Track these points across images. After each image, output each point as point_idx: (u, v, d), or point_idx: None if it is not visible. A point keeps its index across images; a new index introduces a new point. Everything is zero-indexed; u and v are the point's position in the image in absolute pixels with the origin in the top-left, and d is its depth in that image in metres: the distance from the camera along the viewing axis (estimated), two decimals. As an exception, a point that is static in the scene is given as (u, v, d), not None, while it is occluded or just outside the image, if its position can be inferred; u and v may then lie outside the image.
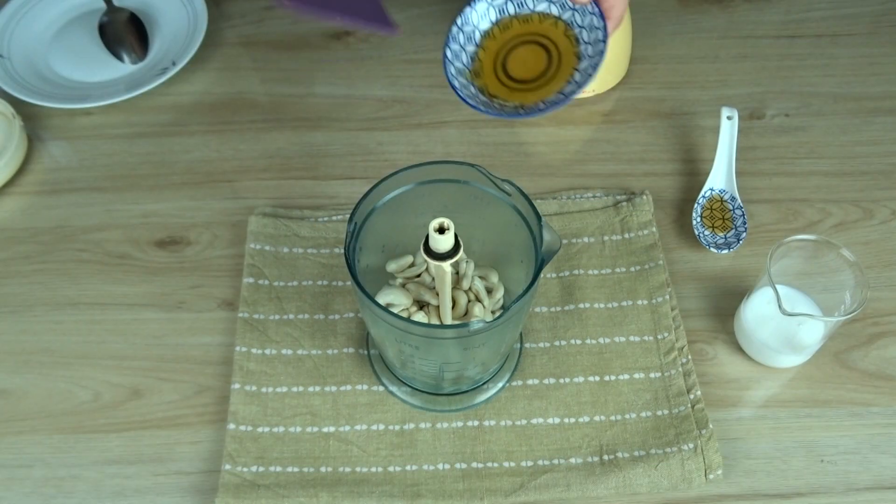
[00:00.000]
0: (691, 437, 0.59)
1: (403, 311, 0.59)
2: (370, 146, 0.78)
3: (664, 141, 0.78)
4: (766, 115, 0.80)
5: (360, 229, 0.55)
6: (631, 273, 0.68)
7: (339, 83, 0.83)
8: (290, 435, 0.60)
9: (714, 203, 0.72)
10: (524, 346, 0.64)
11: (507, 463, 0.59)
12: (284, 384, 0.62)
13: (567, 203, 0.72)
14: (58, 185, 0.75)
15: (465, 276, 0.60)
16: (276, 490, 0.57)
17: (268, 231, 0.70)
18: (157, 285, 0.69)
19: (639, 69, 0.83)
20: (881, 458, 0.59)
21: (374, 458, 0.59)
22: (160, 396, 0.63)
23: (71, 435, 0.61)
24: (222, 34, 0.87)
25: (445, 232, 0.51)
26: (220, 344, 0.65)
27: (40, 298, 0.68)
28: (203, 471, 0.59)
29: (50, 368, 0.64)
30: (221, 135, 0.79)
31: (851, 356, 0.64)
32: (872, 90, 0.81)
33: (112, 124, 0.80)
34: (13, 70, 0.82)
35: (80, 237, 0.72)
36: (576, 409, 0.61)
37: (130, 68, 0.83)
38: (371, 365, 0.64)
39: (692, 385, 0.62)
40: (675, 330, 0.64)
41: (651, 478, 0.58)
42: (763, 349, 0.62)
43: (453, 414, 0.61)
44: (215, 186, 0.75)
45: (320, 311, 0.66)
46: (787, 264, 0.62)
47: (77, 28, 0.87)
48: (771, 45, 0.86)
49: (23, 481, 0.59)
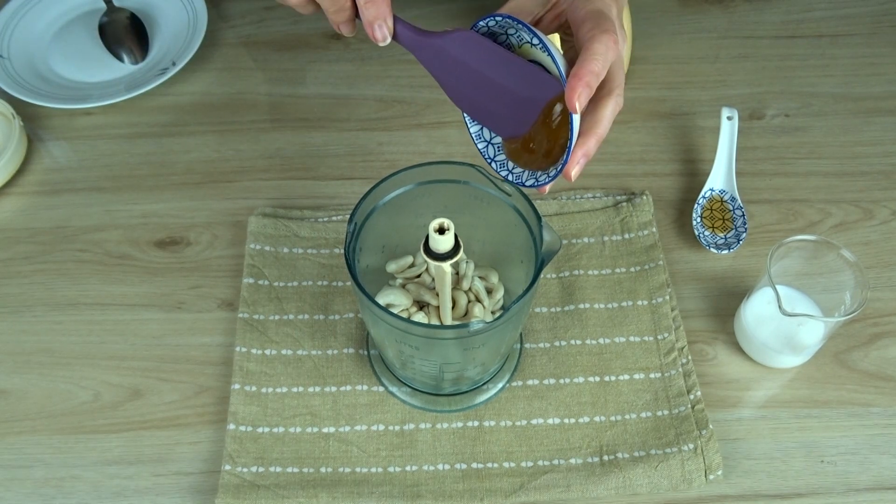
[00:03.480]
0: (691, 437, 0.59)
1: (403, 311, 0.59)
2: (370, 146, 0.78)
3: (664, 141, 0.78)
4: (766, 116, 0.80)
5: (360, 229, 0.55)
6: (631, 273, 0.68)
7: (339, 83, 0.83)
8: (290, 435, 0.60)
9: (714, 203, 0.72)
10: (524, 347, 0.64)
11: (507, 463, 0.59)
12: (284, 384, 0.62)
13: (567, 203, 0.72)
14: (58, 186, 0.75)
15: (465, 277, 0.60)
16: (275, 490, 0.57)
17: (268, 231, 0.70)
18: (157, 286, 0.69)
19: (639, 69, 0.83)
20: (881, 458, 0.59)
21: (373, 459, 0.59)
22: (160, 397, 0.63)
23: (71, 435, 0.61)
24: (222, 34, 0.87)
25: (445, 232, 0.51)
26: (220, 344, 0.65)
27: (40, 299, 0.68)
28: (203, 471, 0.59)
29: (50, 369, 0.64)
30: (221, 135, 0.79)
31: (851, 357, 0.64)
32: (872, 90, 0.81)
33: (112, 124, 0.80)
34: (13, 70, 0.82)
35: (80, 237, 0.72)
36: (576, 410, 0.61)
37: (130, 68, 0.83)
38: (371, 365, 0.64)
39: (692, 385, 0.62)
40: (675, 330, 0.64)
41: (651, 478, 0.58)
42: (763, 349, 0.62)
43: (453, 414, 0.61)
44: (215, 186, 0.75)
45: (320, 311, 0.66)
46: (787, 265, 0.62)
47: (77, 28, 0.87)
48: (771, 45, 0.86)
49: (23, 481, 0.59)
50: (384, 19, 0.47)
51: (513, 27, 0.47)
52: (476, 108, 0.51)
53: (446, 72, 0.49)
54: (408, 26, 0.49)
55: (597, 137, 0.49)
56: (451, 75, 0.50)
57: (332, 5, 0.49)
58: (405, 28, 0.49)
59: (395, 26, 0.48)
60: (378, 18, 0.47)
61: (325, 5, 0.49)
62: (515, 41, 0.49)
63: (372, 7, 0.47)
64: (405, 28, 0.49)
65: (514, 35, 0.48)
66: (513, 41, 0.49)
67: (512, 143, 0.51)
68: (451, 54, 0.49)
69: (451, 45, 0.48)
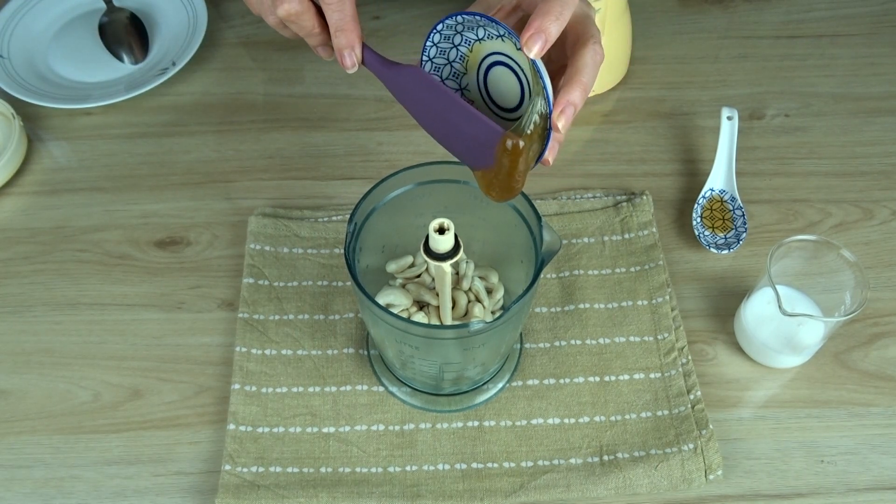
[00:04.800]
0: (691, 437, 0.59)
1: (403, 311, 0.59)
2: (370, 146, 0.78)
3: (664, 141, 0.78)
4: (766, 116, 0.80)
5: (360, 230, 0.55)
6: (631, 273, 0.68)
7: (339, 83, 0.83)
8: (290, 435, 0.60)
9: (714, 203, 0.72)
10: (524, 347, 0.64)
11: (507, 463, 0.59)
12: (284, 384, 0.62)
13: (567, 203, 0.72)
14: (58, 186, 0.75)
15: (465, 277, 0.60)
16: (275, 490, 0.57)
17: (268, 231, 0.70)
18: (157, 285, 0.69)
19: (639, 69, 0.83)
20: (881, 458, 0.59)
21: (373, 459, 0.59)
22: (160, 397, 0.63)
23: (71, 435, 0.61)
24: (222, 34, 0.87)
25: (445, 232, 0.51)
26: (220, 344, 0.65)
27: (40, 298, 0.68)
28: (203, 471, 0.59)
29: (50, 369, 0.64)
30: (221, 135, 0.79)
31: (851, 356, 0.64)
32: (872, 90, 0.81)
33: (112, 124, 0.80)
34: (13, 70, 0.82)
35: (80, 237, 0.72)
36: (576, 410, 0.61)
37: (130, 68, 0.83)
38: (371, 365, 0.64)
39: (692, 385, 0.62)
40: (675, 330, 0.64)
41: (651, 478, 0.58)
42: (763, 349, 0.62)
43: (453, 414, 0.61)
44: (215, 187, 0.75)
45: (320, 311, 0.66)
46: (787, 265, 0.62)
47: (77, 28, 0.87)
48: (771, 45, 0.86)
49: (23, 482, 0.59)
50: (352, 48, 0.50)
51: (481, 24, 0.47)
52: (442, 137, 0.51)
53: (410, 101, 0.51)
54: (375, 56, 0.51)
55: (581, 86, 0.47)
56: (414, 105, 0.51)
57: (302, 30, 0.51)
58: (373, 57, 0.50)
59: (364, 54, 0.50)
60: (347, 47, 0.50)
61: (297, 31, 0.51)
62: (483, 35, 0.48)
63: (342, 36, 0.50)
64: (373, 57, 0.50)
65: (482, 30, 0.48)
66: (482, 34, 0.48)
67: (479, 175, 0.51)
68: (407, 87, 0.50)
69: (405, 80, 0.50)
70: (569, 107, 0.46)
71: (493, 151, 0.47)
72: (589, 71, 0.48)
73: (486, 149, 0.48)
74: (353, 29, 0.50)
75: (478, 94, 0.52)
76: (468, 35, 0.49)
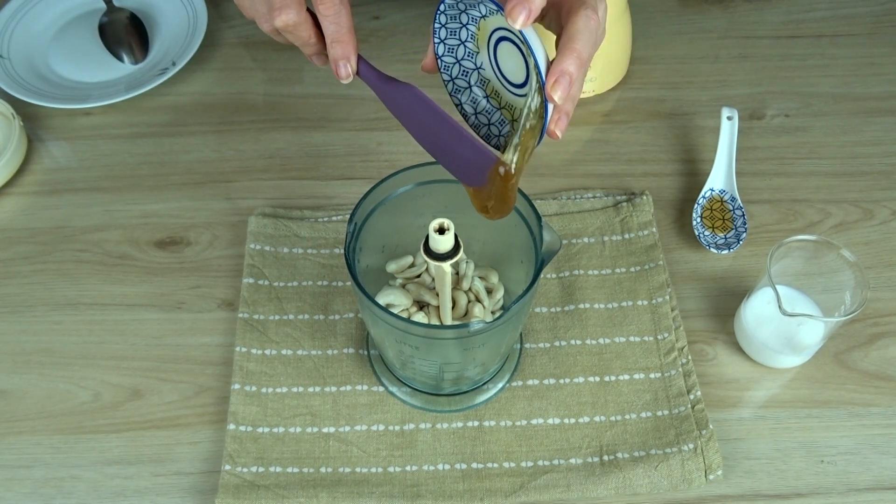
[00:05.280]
0: (691, 437, 0.59)
1: (403, 311, 0.59)
2: (370, 146, 0.78)
3: (664, 141, 0.78)
4: (766, 116, 0.80)
5: (360, 230, 0.55)
6: (631, 273, 0.68)
7: (339, 83, 0.82)
8: (290, 435, 0.60)
9: (714, 203, 0.72)
10: (524, 347, 0.64)
11: (507, 463, 0.59)
12: (284, 384, 0.62)
13: (567, 203, 0.72)
14: (57, 186, 0.75)
15: (465, 277, 0.60)
16: (275, 490, 0.57)
17: (268, 231, 0.70)
18: (157, 285, 0.69)
19: (639, 69, 0.83)
20: (881, 458, 0.59)
21: (373, 459, 0.59)
22: (160, 397, 0.63)
23: (71, 435, 0.61)
24: (222, 34, 0.87)
25: (445, 232, 0.51)
26: (220, 344, 0.65)
27: (40, 299, 0.68)
28: (203, 471, 0.59)
29: (50, 369, 0.64)
30: (221, 135, 0.79)
31: (851, 356, 0.64)
32: (872, 90, 0.81)
33: (112, 124, 0.80)
34: (13, 70, 0.82)
35: (80, 237, 0.72)
36: (576, 410, 0.61)
37: (130, 68, 0.83)
38: (371, 365, 0.64)
39: (692, 385, 0.62)
40: (675, 330, 0.64)
41: (651, 478, 0.58)
42: (763, 350, 0.62)
43: (453, 414, 0.61)
44: (215, 187, 0.75)
45: (320, 311, 0.66)
46: (787, 265, 0.62)
47: (77, 28, 0.87)
48: (771, 45, 0.86)
49: (23, 481, 0.59)
50: (348, 59, 0.50)
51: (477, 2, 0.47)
52: (436, 153, 0.51)
53: (404, 116, 0.51)
54: (372, 70, 0.51)
55: (574, 53, 0.45)
56: (408, 120, 0.51)
57: (298, 40, 0.51)
58: (369, 71, 0.51)
59: (359, 66, 0.51)
60: (342, 58, 0.50)
61: (293, 40, 0.51)
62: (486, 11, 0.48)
63: (338, 47, 0.49)
64: (369, 71, 0.51)
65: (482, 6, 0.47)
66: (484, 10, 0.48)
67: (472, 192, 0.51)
68: (402, 103, 0.50)
69: (401, 96, 0.50)
70: (563, 76, 0.45)
71: (485, 173, 0.48)
72: (582, 37, 0.46)
73: (479, 170, 0.49)
74: (349, 41, 0.49)
75: (492, 73, 0.52)
76: (472, 13, 0.48)
